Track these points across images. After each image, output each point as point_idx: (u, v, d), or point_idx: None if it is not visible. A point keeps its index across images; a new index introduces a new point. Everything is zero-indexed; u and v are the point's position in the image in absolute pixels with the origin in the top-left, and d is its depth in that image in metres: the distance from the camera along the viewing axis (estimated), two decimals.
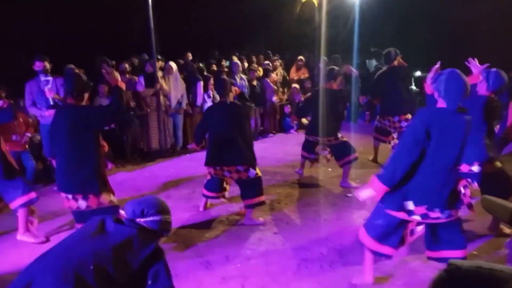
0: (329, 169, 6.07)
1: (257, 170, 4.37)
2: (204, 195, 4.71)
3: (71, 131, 3.35)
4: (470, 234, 3.93)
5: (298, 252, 3.74)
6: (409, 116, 5.93)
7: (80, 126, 3.35)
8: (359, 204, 4.58)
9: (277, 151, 7.58)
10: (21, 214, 3.92)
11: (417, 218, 2.81)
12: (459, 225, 2.92)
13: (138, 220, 2.17)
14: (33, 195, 3.95)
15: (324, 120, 5.45)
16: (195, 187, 5.44)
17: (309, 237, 4.05)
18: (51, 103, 5.31)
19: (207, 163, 4.40)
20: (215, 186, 4.62)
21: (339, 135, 5.53)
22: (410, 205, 2.78)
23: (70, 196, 3.42)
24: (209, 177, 4.57)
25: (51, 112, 5.25)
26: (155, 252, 2.07)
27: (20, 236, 3.98)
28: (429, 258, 3.04)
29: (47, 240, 4.04)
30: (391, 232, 2.92)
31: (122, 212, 2.30)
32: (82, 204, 3.41)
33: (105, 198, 3.48)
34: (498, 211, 3.12)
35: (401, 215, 2.82)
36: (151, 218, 2.18)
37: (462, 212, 2.96)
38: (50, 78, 5.34)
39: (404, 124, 5.97)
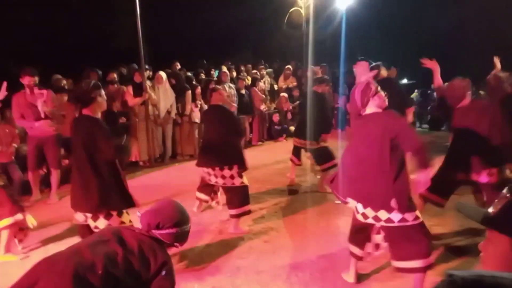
0: (318, 176, 6.10)
1: (244, 179, 4.38)
2: (197, 197, 4.86)
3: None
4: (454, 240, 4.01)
5: (288, 260, 3.74)
6: None
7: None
8: (349, 211, 4.59)
9: (266, 159, 7.60)
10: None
11: (371, 221, 2.93)
12: (416, 231, 2.85)
13: (153, 231, 2.11)
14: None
15: (308, 124, 5.64)
16: (184, 197, 5.41)
17: (299, 245, 4.05)
18: (43, 116, 5.22)
19: (197, 164, 4.59)
20: (205, 189, 4.74)
21: (322, 140, 5.61)
22: (360, 207, 2.95)
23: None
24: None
25: (41, 123, 5.19)
26: (165, 266, 2.01)
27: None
28: (397, 270, 2.98)
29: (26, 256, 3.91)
30: (356, 232, 3.16)
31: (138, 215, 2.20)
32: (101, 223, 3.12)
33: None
34: (471, 213, 3.13)
35: (359, 217, 2.99)
36: (166, 231, 2.11)
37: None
38: (44, 91, 5.26)
39: None
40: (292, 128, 7.39)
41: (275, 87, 10.21)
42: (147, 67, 7.37)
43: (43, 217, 4.59)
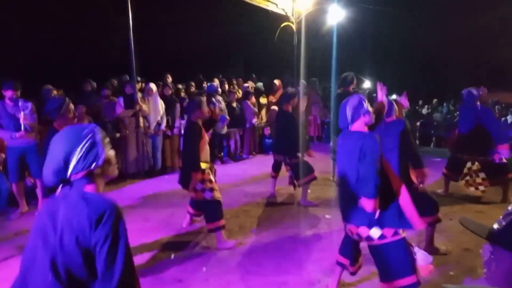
0: (308, 191, 6.11)
1: (215, 194, 4.35)
2: (187, 211, 4.86)
3: None
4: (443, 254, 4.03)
5: (278, 275, 3.71)
6: None
7: None
8: (339, 226, 4.60)
9: (256, 172, 7.59)
10: None
11: (355, 237, 2.97)
12: (401, 247, 2.81)
13: None
14: None
15: (280, 140, 5.86)
16: (173, 210, 5.37)
17: (289, 259, 4.03)
18: (22, 128, 5.13)
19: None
20: (192, 204, 4.74)
21: (298, 155, 5.69)
22: (346, 224, 3.01)
23: None
24: None
25: (22, 134, 5.11)
26: None
27: None
28: None
29: None
30: (346, 244, 3.20)
31: None
32: None
33: None
34: (475, 228, 3.09)
35: (348, 232, 3.05)
36: None
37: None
38: (29, 103, 5.20)
39: None
40: None
41: (262, 101, 10.27)
42: (138, 79, 7.37)
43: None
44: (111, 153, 1.75)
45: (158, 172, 7.62)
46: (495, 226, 1.17)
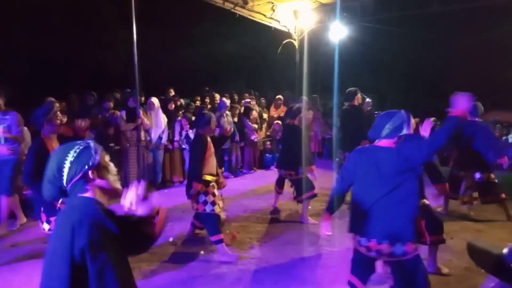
0: (309, 207, 6.08)
1: (215, 208, 4.33)
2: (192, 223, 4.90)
3: None
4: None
5: None
6: None
7: None
8: (340, 243, 4.58)
9: (257, 187, 7.57)
10: None
11: (373, 254, 2.84)
12: (418, 264, 2.79)
13: None
14: None
15: (286, 154, 5.79)
16: (173, 224, 5.34)
17: (289, 276, 3.99)
18: (2, 142, 5.01)
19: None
20: (196, 216, 4.75)
21: (300, 171, 5.63)
22: (363, 240, 2.85)
23: None
24: None
25: (3, 148, 4.99)
26: None
27: None
28: None
29: None
30: (359, 266, 2.99)
31: None
32: None
33: None
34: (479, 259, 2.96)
35: (362, 249, 2.88)
36: None
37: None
38: (7, 116, 5.02)
39: None
40: None
41: (264, 115, 10.33)
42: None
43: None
44: (108, 160, 1.74)
45: (158, 185, 7.61)
46: (505, 251, 1.12)
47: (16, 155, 5.12)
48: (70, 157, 1.60)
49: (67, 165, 1.60)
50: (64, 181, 1.61)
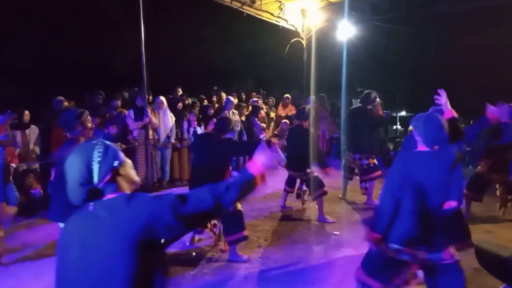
0: (316, 206, 6.07)
1: (237, 204, 4.33)
2: None
3: None
4: None
5: None
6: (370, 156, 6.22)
7: None
8: (347, 243, 4.56)
9: (264, 186, 7.55)
10: None
11: (405, 257, 2.75)
12: (456, 270, 2.75)
13: None
14: None
15: (294, 157, 5.76)
16: None
17: (296, 276, 3.98)
18: None
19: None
20: None
21: (309, 170, 5.65)
22: (395, 244, 2.75)
23: None
24: None
25: None
26: None
27: None
28: None
29: None
30: (381, 268, 2.86)
31: None
32: None
33: None
34: (486, 262, 2.86)
35: (391, 253, 2.78)
36: None
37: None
38: None
39: (364, 162, 6.21)
40: None
41: (272, 114, 10.33)
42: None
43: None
44: (123, 156, 1.75)
45: (166, 184, 7.64)
46: None
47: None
48: (97, 157, 1.61)
49: (95, 165, 1.61)
50: (96, 182, 1.62)
